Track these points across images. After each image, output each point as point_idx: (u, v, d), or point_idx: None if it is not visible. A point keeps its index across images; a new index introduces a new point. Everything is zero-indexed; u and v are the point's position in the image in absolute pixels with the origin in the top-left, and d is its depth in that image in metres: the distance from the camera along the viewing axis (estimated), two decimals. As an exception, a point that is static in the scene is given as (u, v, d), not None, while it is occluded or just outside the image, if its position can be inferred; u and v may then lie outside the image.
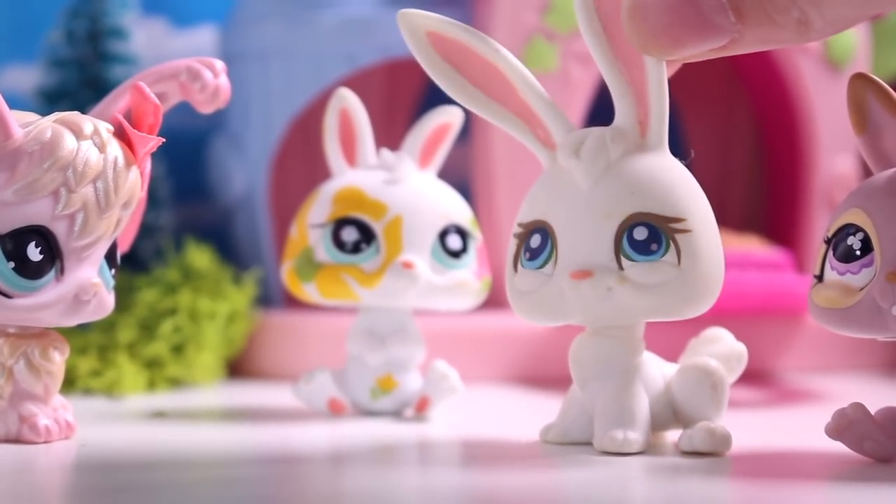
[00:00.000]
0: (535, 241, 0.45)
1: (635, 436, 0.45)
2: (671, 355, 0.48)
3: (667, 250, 0.43)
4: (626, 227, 0.44)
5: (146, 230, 0.68)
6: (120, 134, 0.46)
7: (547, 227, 0.45)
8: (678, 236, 0.43)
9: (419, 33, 0.46)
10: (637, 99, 0.44)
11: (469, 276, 0.55)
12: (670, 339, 0.51)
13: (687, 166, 0.45)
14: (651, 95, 0.44)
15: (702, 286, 0.44)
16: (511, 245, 0.46)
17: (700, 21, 0.40)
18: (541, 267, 0.45)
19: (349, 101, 0.57)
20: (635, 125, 0.45)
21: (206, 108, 0.50)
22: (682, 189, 0.44)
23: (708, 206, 0.45)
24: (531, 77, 0.46)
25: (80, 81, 0.70)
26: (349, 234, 0.54)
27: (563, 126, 0.45)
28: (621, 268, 0.44)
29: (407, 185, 0.55)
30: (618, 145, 0.44)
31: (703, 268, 0.44)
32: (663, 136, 0.45)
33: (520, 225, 0.46)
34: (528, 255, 0.45)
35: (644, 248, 0.43)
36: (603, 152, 0.44)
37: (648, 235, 0.43)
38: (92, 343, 0.64)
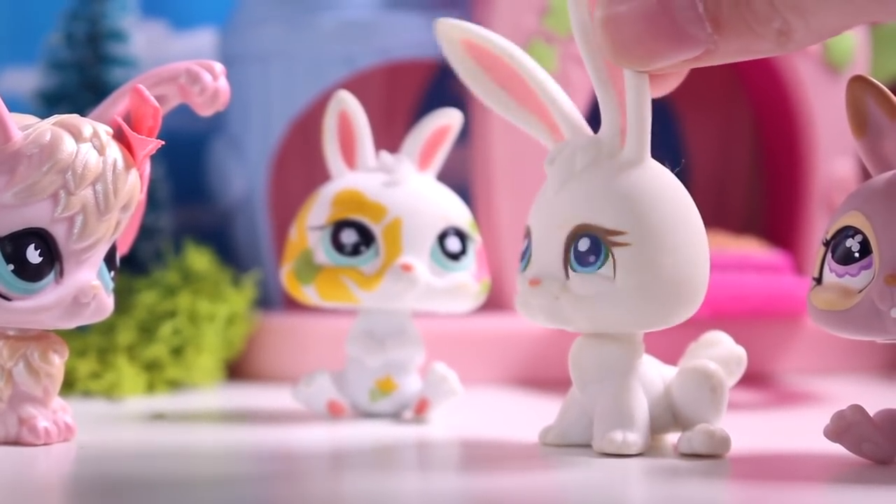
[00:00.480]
0: (525, 245, 0.46)
1: (634, 437, 0.45)
2: (670, 359, 0.48)
3: (604, 263, 0.44)
4: (574, 238, 0.44)
5: (145, 232, 0.68)
6: (119, 136, 0.47)
7: (530, 232, 0.46)
8: (616, 249, 0.43)
9: (454, 41, 0.47)
10: (621, 108, 0.44)
11: (468, 278, 0.55)
12: (670, 342, 0.51)
13: (677, 174, 0.45)
14: (629, 105, 0.44)
15: (641, 301, 0.44)
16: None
17: (674, 31, 0.40)
18: (523, 270, 0.46)
19: (348, 103, 0.57)
20: (616, 134, 0.45)
21: (205, 111, 0.50)
22: (636, 201, 0.44)
23: (673, 218, 0.44)
24: (549, 83, 0.46)
25: (80, 84, 0.70)
26: (348, 237, 0.54)
27: (573, 133, 0.46)
28: (567, 277, 0.44)
29: (406, 187, 0.55)
30: (586, 155, 0.44)
31: (641, 283, 0.43)
32: (642, 146, 0.44)
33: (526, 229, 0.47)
34: (521, 257, 0.46)
35: (583, 260, 0.44)
36: (572, 161, 0.44)
37: (589, 247, 0.44)
38: (91, 345, 0.64)
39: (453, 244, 0.55)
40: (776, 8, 0.39)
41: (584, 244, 0.44)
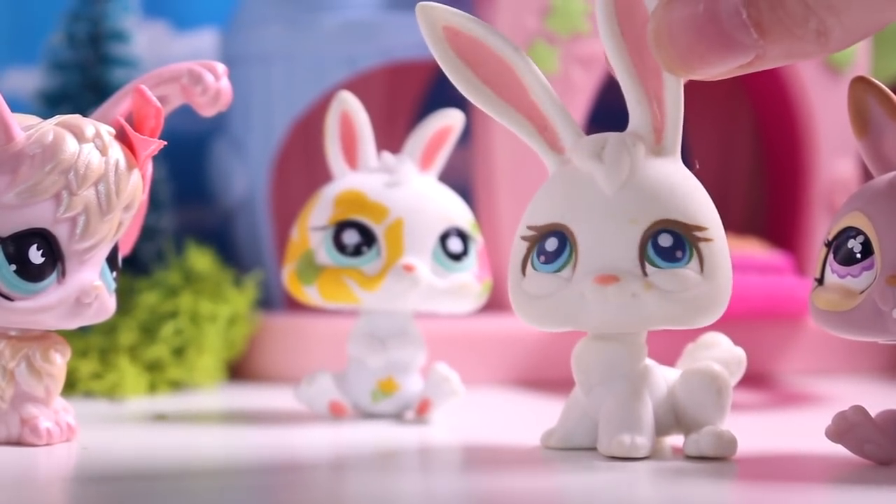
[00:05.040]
0: (552, 244, 0.45)
1: (642, 440, 0.45)
2: (667, 360, 0.48)
3: (690, 258, 0.44)
4: (652, 233, 0.43)
5: (147, 233, 0.68)
6: (121, 137, 0.47)
7: (565, 231, 0.44)
8: (701, 245, 0.44)
9: (436, 27, 0.46)
10: (653, 106, 0.44)
11: (470, 278, 0.55)
12: (667, 343, 0.50)
13: (695, 175, 0.45)
14: (668, 103, 0.44)
15: (717, 295, 0.44)
16: (518, 247, 0.46)
17: (723, 39, 0.40)
18: (558, 270, 0.45)
19: (350, 103, 0.57)
20: (650, 132, 0.44)
21: (207, 111, 0.50)
22: (701, 198, 0.44)
23: (718, 214, 0.45)
24: (545, 79, 0.45)
25: (82, 84, 0.70)
26: (350, 237, 0.54)
27: (573, 131, 0.45)
28: (645, 274, 0.44)
29: (408, 187, 0.55)
30: (639, 151, 0.44)
31: (721, 277, 0.44)
32: (677, 144, 0.45)
33: (530, 228, 0.45)
34: (542, 258, 0.45)
35: (669, 255, 0.43)
36: (626, 156, 0.44)
37: (674, 242, 0.43)
38: (93, 346, 0.64)
39: (455, 245, 0.55)
40: (810, 8, 0.39)
41: (666, 240, 0.43)
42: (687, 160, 0.45)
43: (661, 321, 0.44)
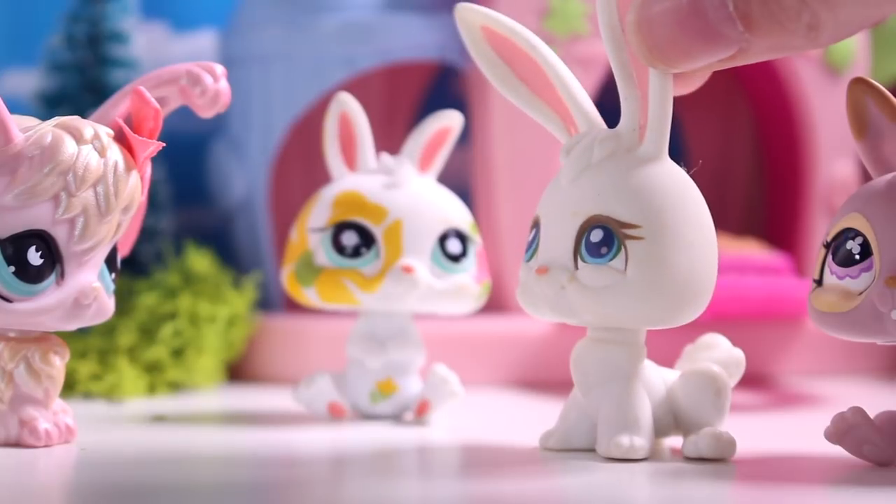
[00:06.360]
0: (532, 234, 0.46)
1: (641, 442, 0.45)
2: (666, 361, 0.48)
3: (615, 255, 0.43)
4: (586, 228, 0.44)
5: (146, 234, 0.68)
6: (120, 138, 0.47)
7: (538, 222, 0.46)
8: (629, 243, 0.43)
9: (474, 27, 0.47)
10: (642, 103, 0.44)
11: (469, 280, 0.55)
12: (666, 345, 0.50)
13: (691, 176, 0.45)
14: (652, 101, 0.44)
15: (651, 297, 0.43)
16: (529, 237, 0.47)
17: (707, 31, 0.40)
18: (528, 260, 0.46)
19: (349, 105, 0.57)
20: (636, 129, 0.44)
21: (206, 113, 0.50)
22: (653, 196, 0.43)
23: (687, 216, 0.44)
24: (569, 75, 0.46)
25: (81, 86, 0.70)
26: (349, 239, 0.54)
27: (590, 126, 0.45)
28: (576, 267, 0.44)
29: (407, 189, 0.55)
30: (604, 147, 0.44)
31: (652, 278, 0.43)
32: (662, 142, 0.44)
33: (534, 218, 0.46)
34: (527, 247, 0.46)
35: (595, 251, 0.43)
36: (587, 153, 0.44)
37: (602, 238, 0.43)
38: (92, 347, 0.64)
39: (454, 246, 0.55)
40: (805, 1, 0.38)
41: (596, 235, 0.43)
42: (684, 160, 0.45)
43: (587, 316, 0.44)
